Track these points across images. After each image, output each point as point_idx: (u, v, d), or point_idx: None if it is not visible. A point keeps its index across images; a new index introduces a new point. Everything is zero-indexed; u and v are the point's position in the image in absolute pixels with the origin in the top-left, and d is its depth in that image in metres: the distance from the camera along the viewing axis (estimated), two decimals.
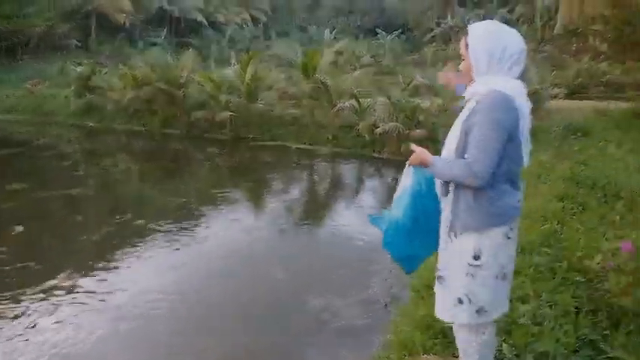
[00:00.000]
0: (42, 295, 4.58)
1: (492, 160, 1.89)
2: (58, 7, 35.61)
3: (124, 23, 40.67)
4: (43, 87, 25.00)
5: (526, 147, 2.05)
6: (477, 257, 2.00)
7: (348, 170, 10.82)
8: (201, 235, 6.27)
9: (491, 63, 1.97)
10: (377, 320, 3.95)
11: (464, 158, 1.97)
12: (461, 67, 2.13)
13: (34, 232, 6.41)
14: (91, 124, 18.57)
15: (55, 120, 19.21)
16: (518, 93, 1.98)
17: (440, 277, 2.15)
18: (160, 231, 6.36)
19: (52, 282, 4.84)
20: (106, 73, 21.24)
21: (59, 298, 4.52)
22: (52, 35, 37.04)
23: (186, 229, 6.48)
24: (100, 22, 41.78)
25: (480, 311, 2.05)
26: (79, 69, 20.37)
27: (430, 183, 2.20)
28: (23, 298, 4.53)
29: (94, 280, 4.92)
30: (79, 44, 39.19)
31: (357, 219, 6.85)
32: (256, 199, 8.43)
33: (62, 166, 11.60)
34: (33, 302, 4.45)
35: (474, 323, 2.10)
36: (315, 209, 7.79)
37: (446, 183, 2.10)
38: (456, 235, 2.05)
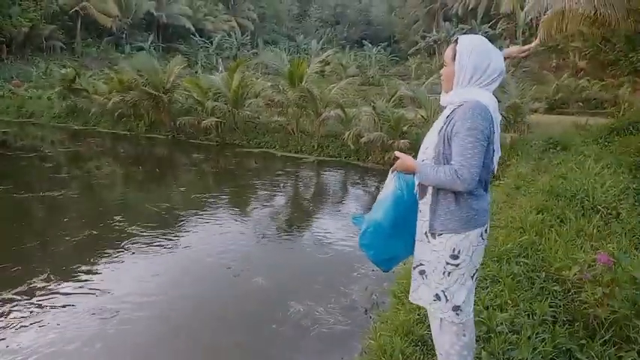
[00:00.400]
0: (21, 297, 4.50)
1: (478, 166, 1.99)
2: (43, 7, 35.12)
3: (111, 27, 40.34)
4: (26, 88, 24.64)
5: (497, 155, 2.17)
6: (455, 257, 2.12)
7: (332, 178, 10.87)
8: (182, 240, 6.23)
9: (474, 77, 2.09)
10: (357, 326, 3.96)
11: (445, 164, 2.09)
12: (442, 71, 2.23)
13: (13, 234, 6.30)
14: (74, 126, 18.37)
15: (37, 122, 18.90)
16: (492, 104, 2.10)
17: (422, 271, 2.24)
18: (141, 235, 6.30)
19: (31, 284, 4.77)
20: (91, 76, 21.07)
21: (38, 300, 4.45)
22: (36, 36, 36.58)
23: (168, 234, 6.44)
24: (86, 25, 41.41)
25: (456, 309, 2.16)
26: (63, 71, 20.14)
27: (411, 189, 2.28)
28: (2, 299, 4.45)
29: (73, 283, 4.85)
30: (64, 46, 38.72)
31: (340, 226, 6.88)
32: (240, 206, 8.41)
33: (44, 168, 11.44)
34: (12, 304, 4.37)
35: (451, 321, 2.18)
36: (298, 216, 7.80)
37: (426, 186, 2.19)
38: (434, 236, 2.16)
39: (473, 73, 2.08)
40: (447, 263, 2.13)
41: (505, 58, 2.33)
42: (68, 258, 5.57)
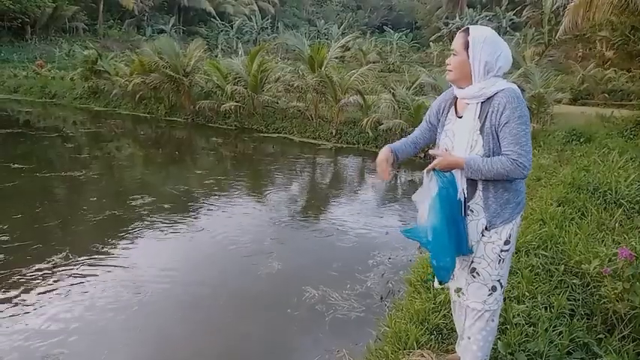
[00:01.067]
0: (42, 274, 4.62)
1: (530, 151, 2.03)
2: None
3: (133, 9, 40.56)
4: (49, 68, 25.01)
5: None
6: (507, 242, 2.18)
7: (350, 165, 10.84)
8: (200, 223, 6.30)
9: (488, 68, 2.08)
10: (372, 313, 3.97)
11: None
12: (450, 61, 2.16)
13: (35, 212, 6.44)
14: (96, 107, 18.60)
15: (60, 102, 19.18)
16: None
17: (473, 269, 2.23)
18: (159, 217, 6.39)
19: (52, 261, 4.88)
20: (112, 58, 21.25)
21: (60, 276, 4.56)
22: (60, 17, 36.98)
23: (186, 216, 6.52)
24: (109, 7, 41.71)
25: (503, 292, 2.28)
26: (85, 52, 20.36)
27: (453, 184, 2.19)
28: (27, 275, 4.57)
29: (92, 262, 4.95)
30: (87, 28, 39.12)
31: (356, 213, 6.88)
32: (257, 191, 8.46)
33: (66, 148, 11.64)
34: (35, 280, 4.49)
35: (495, 308, 2.25)
36: (315, 202, 7.81)
37: (473, 186, 2.15)
38: (489, 230, 2.17)
39: (486, 64, 2.06)
40: (502, 251, 2.17)
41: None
42: (88, 237, 5.67)
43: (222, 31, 45.22)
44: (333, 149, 11.96)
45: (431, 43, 38.09)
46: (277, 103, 14.78)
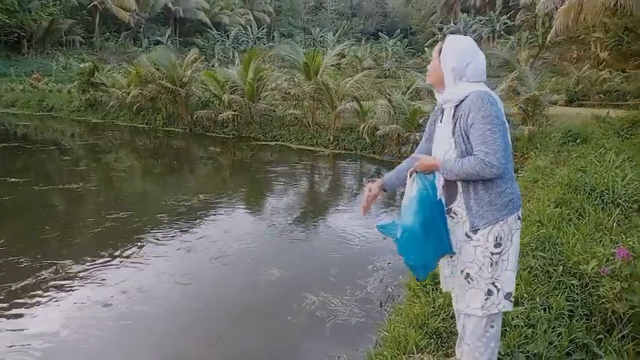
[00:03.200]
0: (38, 286, 4.61)
1: (499, 149, 2.01)
2: (62, 2, 35.65)
3: (129, 21, 40.72)
4: (46, 81, 25.07)
5: (508, 133, 2.18)
6: (498, 245, 2.13)
7: (348, 171, 10.86)
8: (199, 232, 6.30)
9: (457, 75, 2.16)
10: (372, 318, 3.97)
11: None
12: (429, 66, 2.31)
13: (33, 225, 6.43)
14: (93, 119, 18.61)
15: (57, 115, 19.21)
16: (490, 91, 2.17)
17: (467, 275, 2.21)
18: (158, 227, 6.39)
19: (46, 274, 4.88)
20: (109, 70, 21.32)
21: (56, 288, 4.55)
22: (56, 31, 37.12)
23: (185, 226, 6.52)
24: (105, 20, 41.87)
25: (508, 297, 2.19)
26: (82, 65, 20.45)
27: (434, 187, 2.24)
28: (26, 286, 4.56)
29: (88, 275, 4.94)
30: (83, 41, 39.24)
31: (355, 219, 6.88)
32: (256, 199, 8.47)
33: (64, 160, 11.65)
34: (32, 292, 4.48)
35: (505, 311, 2.22)
36: (314, 209, 7.82)
37: (453, 188, 2.19)
38: (475, 232, 2.15)
39: (453, 70, 2.15)
40: (492, 254, 2.13)
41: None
42: (83, 250, 5.66)
43: (218, 41, 45.43)
44: (330, 156, 11.98)
45: (426, 48, 38.20)
46: (274, 111, 14.82)
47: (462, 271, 2.22)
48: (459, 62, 2.14)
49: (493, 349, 2.26)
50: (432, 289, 3.50)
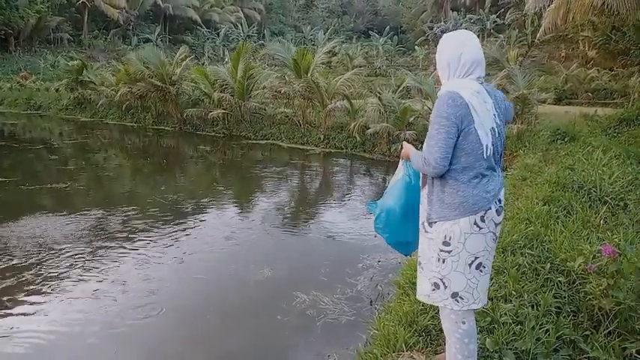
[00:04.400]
0: (19, 288, 4.57)
1: (440, 150, 2.07)
2: None
3: (118, 19, 40.35)
4: (34, 80, 24.79)
5: (486, 139, 2.11)
6: (446, 244, 2.16)
7: (338, 170, 10.87)
8: (189, 231, 6.27)
9: (450, 70, 2.19)
10: (362, 317, 3.98)
11: None
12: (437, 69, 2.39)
13: (20, 225, 6.36)
14: (82, 118, 18.44)
15: (45, 113, 19.02)
16: (469, 90, 2.10)
17: (419, 263, 2.33)
18: (147, 227, 6.35)
19: (27, 276, 4.83)
20: (98, 68, 21.13)
21: (44, 286, 4.51)
22: (44, 28, 36.69)
23: (174, 225, 6.48)
24: (94, 17, 41.46)
25: (455, 296, 2.19)
26: (70, 63, 20.25)
27: (417, 176, 2.39)
28: (7, 287, 4.51)
29: (67, 276, 4.89)
30: (72, 38, 38.84)
31: (346, 218, 6.89)
32: (246, 197, 8.44)
33: (51, 160, 11.53)
34: (18, 293, 4.44)
35: (450, 308, 2.22)
36: (304, 208, 7.82)
37: (425, 179, 2.29)
38: (430, 225, 2.22)
39: (447, 66, 2.19)
40: (441, 250, 2.18)
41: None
42: (72, 249, 5.61)
43: (208, 39, 45.17)
44: (321, 154, 11.98)
45: (416, 46, 38.37)
46: (265, 109, 14.79)
47: (419, 262, 2.33)
48: (450, 54, 2.17)
49: (467, 345, 2.27)
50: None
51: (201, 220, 6.80)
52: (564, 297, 3.16)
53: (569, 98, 17.98)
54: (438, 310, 3.11)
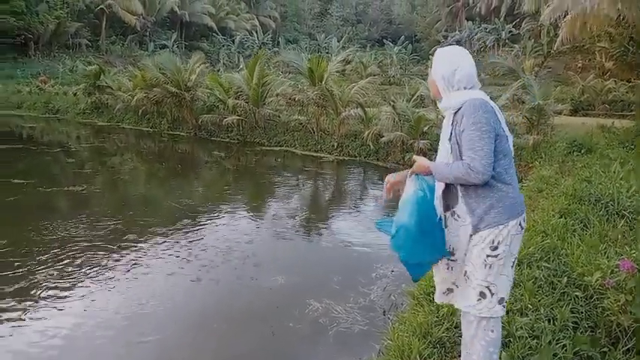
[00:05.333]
0: (34, 288, 4.62)
1: (486, 155, 2.08)
2: (69, 5, 35.95)
3: (135, 25, 40.90)
4: (52, 84, 25.15)
5: (510, 139, 2.25)
6: (494, 248, 2.17)
7: (351, 178, 10.86)
8: (202, 237, 6.30)
9: (448, 84, 2.27)
10: (375, 327, 3.96)
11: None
12: (427, 81, 2.50)
13: (38, 227, 6.44)
14: (99, 122, 18.67)
15: (63, 117, 19.30)
16: (487, 97, 2.24)
17: (465, 272, 2.28)
18: (161, 231, 6.40)
19: (39, 278, 4.89)
20: (115, 73, 21.40)
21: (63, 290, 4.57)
22: (63, 33, 37.32)
23: (187, 230, 6.52)
24: (111, 23, 42.06)
25: (501, 302, 2.22)
26: (88, 67, 20.54)
27: (432, 190, 2.33)
28: (20, 289, 4.58)
29: (75, 281, 4.94)
30: (90, 44, 39.43)
31: (359, 226, 6.88)
32: (260, 204, 8.47)
33: (69, 163, 11.69)
34: (25, 298, 4.49)
35: (489, 316, 2.22)
36: (317, 215, 7.82)
37: (454, 192, 2.27)
38: (476, 233, 2.21)
39: (444, 80, 2.27)
40: (488, 256, 2.17)
41: None
42: (88, 251, 5.66)
43: (223, 45, 45.60)
44: (335, 162, 11.99)
45: (430, 55, 38.32)
46: (279, 116, 14.85)
47: (465, 271, 2.29)
48: (445, 69, 2.25)
49: (491, 355, 2.27)
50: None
51: (215, 225, 6.84)
52: (581, 312, 3.12)
53: (586, 109, 17.78)
54: (454, 323, 3.11)
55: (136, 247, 5.82)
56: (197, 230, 6.57)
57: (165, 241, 6.05)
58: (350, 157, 12.25)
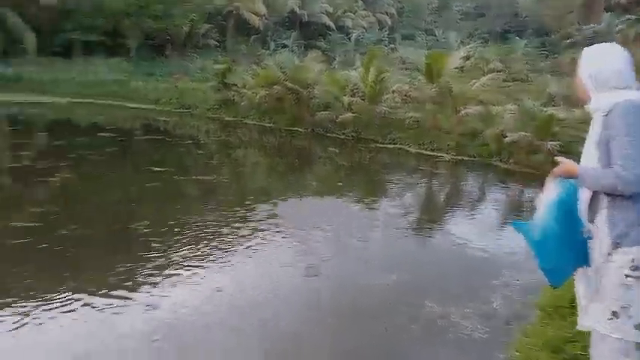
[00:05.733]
0: (171, 267, 5.08)
1: (638, 165, 1.90)
2: (200, 9, 39.07)
3: (258, 25, 43.19)
4: (185, 81, 27.42)
5: None
6: (635, 268, 1.98)
7: (470, 178, 10.47)
8: (314, 230, 6.42)
9: (596, 84, 2.14)
10: (497, 336, 3.79)
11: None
12: (574, 80, 2.32)
13: (175, 211, 7.09)
14: (226, 118, 20.02)
15: (194, 112, 21.05)
16: None
17: (597, 290, 2.12)
18: (276, 221, 6.65)
19: (175, 257, 5.35)
20: (240, 72, 22.72)
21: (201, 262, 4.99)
22: (195, 35, 40.61)
23: (301, 222, 6.70)
24: (237, 24, 44.85)
25: (638, 327, 2.00)
26: (217, 66, 22.11)
27: (576, 192, 2.20)
28: (157, 266, 5.07)
29: (215, 260, 5.32)
30: (217, 44, 42.52)
31: (480, 231, 6.61)
32: (373, 200, 8.51)
33: (199, 154, 12.74)
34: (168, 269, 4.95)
35: (631, 340, 2.02)
36: (434, 216, 7.66)
37: (598, 202, 2.09)
38: (616, 249, 2.03)
39: (591, 79, 2.15)
40: (627, 276, 1.99)
41: None
42: (218, 235, 6.10)
43: (339, 43, 46.33)
44: (451, 162, 11.63)
45: (561, 50, 35.39)
46: (394, 113, 14.74)
47: (597, 289, 2.10)
48: (593, 67, 2.15)
49: None
50: (569, 314, 3.25)
51: (326, 219, 6.92)
52: None
53: None
54: (589, 343, 2.87)
55: (252, 234, 6.11)
56: (310, 223, 6.67)
57: (279, 231, 6.26)
58: (468, 157, 11.79)
